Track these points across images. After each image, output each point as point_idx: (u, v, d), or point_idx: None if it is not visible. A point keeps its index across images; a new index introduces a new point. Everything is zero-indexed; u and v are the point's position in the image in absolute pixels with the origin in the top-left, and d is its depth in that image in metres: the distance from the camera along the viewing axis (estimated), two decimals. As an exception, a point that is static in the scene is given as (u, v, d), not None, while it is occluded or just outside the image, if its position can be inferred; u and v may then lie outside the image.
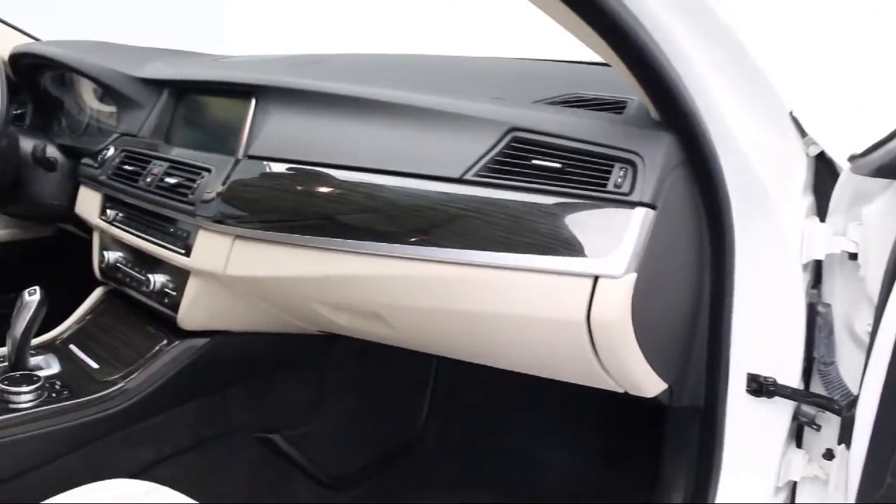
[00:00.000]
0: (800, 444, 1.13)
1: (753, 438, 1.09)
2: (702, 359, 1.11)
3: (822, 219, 1.03)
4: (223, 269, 1.35)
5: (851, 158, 0.95)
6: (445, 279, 1.09)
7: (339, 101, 1.30)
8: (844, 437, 0.93)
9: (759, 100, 0.98)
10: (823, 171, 1.04)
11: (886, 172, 0.88)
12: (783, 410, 1.07)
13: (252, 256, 1.32)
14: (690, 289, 1.08)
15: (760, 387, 1.05)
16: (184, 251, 1.44)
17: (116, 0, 2.59)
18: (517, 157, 1.06)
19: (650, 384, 1.09)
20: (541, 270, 1.01)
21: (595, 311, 0.98)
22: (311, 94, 1.35)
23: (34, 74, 1.97)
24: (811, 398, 1.05)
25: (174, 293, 1.49)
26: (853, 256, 1.00)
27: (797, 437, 1.13)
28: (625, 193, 0.98)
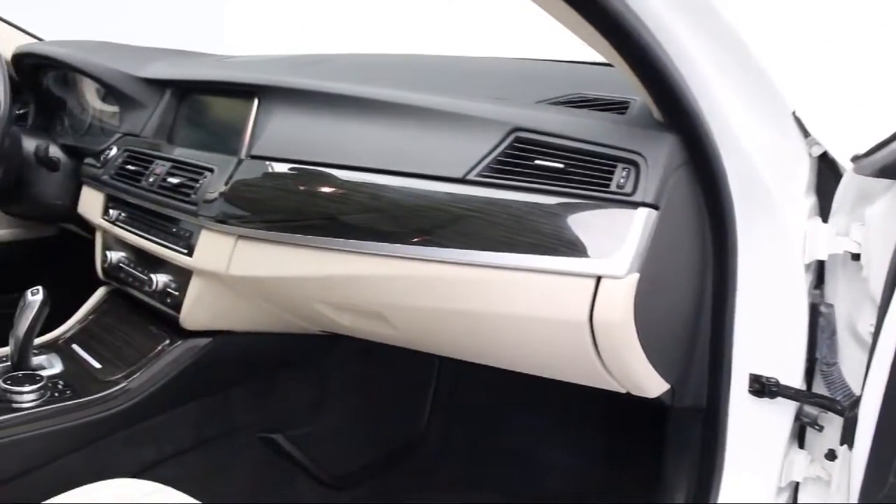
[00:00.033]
0: (802, 445, 1.12)
1: (756, 439, 1.09)
2: (704, 359, 1.11)
3: (825, 219, 1.03)
4: (226, 269, 1.35)
5: (854, 159, 0.95)
6: (448, 279, 1.09)
7: (342, 101, 1.30)
8: (847, 438, 0.93)
9: (762, 100, 0.98)
10: (826, 172, 1.04)
11: (889, 173, 0.88)
12: (785, 411, 1.07)
13: (255, 256, 1.32)
14: (693, 289, 1.08)
15: (763, 387, 1.05)
16: (186, 251, 1.44)
17: (119, 0, 2.59)
18: (520, 158, 1.06)
19: (652, 384, 1.09)
20: (543, 271, 1.01)
21: (597, 312, 0.98)
22: (314, 94, 1.35)
23: (37, 74, 1.98)
24: (813, 399, 1.04)
25: (177, 293, 1.50)
26: (856, 257, 0.99)
27: (799, 438, 1.13)
28: (627, 194, 0.98)
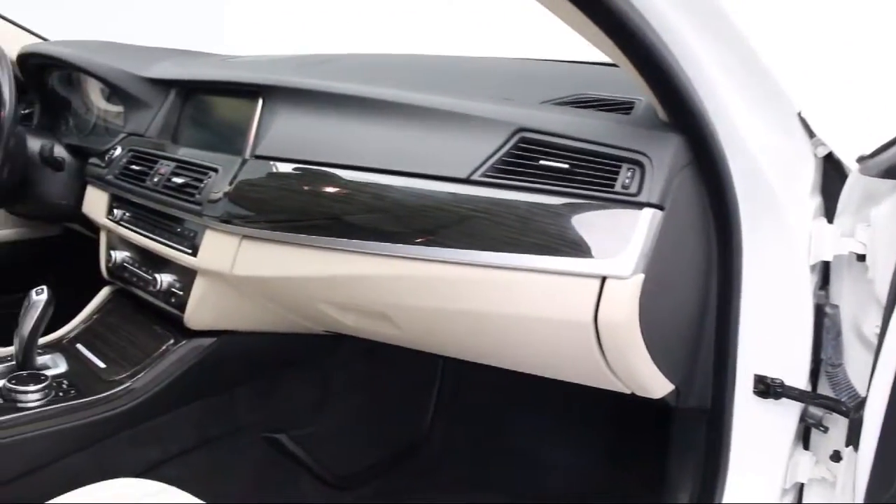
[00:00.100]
0: (807, 446, 1.12)
1: (760, 440, 1.09)
2: (709, 360, 1.11)
3: (830, 220, 1.02)
4: (230, 269, 1.36)
5: (860, 159, 0.95)
6: (452, 279, 1.09)
7: (347, 102, 1.30)
8: (852, 439, 0.93)
9: (768, 100, 0.97)
10: (832, 173, 1.04)
11: (895, 173, 0.88)
12: (790, 412, 1.07)
13: (259, 256, 1.32)
14: (698, 290, 1.08)
15: (768, 388, 1.05)
16: (191, 251, 1.44)
17: (123, 0, 2.59)
18: (525, 158, 1.06)
19: (657, 385, 1.09)
20: (548, 271, 1.00)
21: (602, 312, 0.98)
22: (319, 95, 1.35)
23: (42, 74, 1.98)
24: (818, 400, 1.04)
25: (181, 293, 1.50)
26: (861, 258, 0.99)
27: (804, 439, 1.12)
28: (632, 194, 0.98)
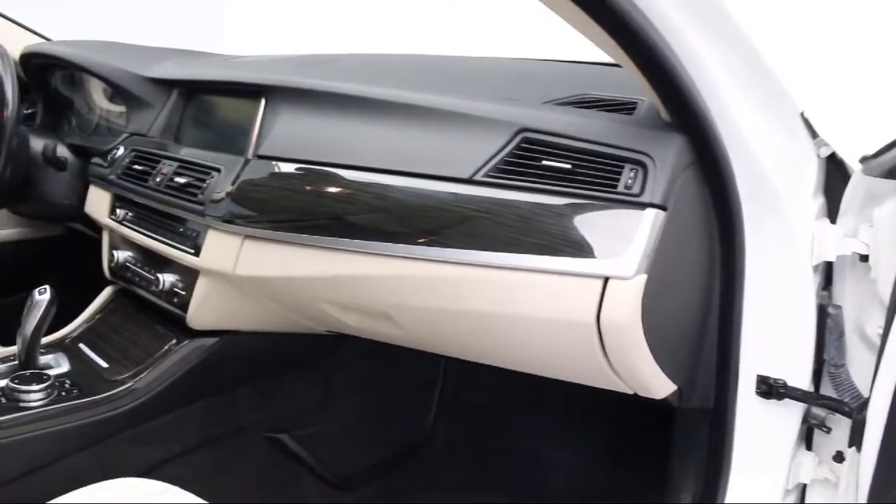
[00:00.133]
0: (810, 447, 1.12)
1: (763, 440, 1.08)
2: (711, 360, 1.10)
3: (833, 220, 1.02)
4: (232, 269, 1.36)
5: (863, 160, 0.94)
6: (454, 279, 1.09)
7: (349, 102, 1.30)
8: (855, 440, 0.93)
9: (771, 101, 0.97)
10: (834, 173, 1.03)
11: (899, 174, 0.88)
12: (793, 413, 1.06)
13: (261, 256, 1.33)
14: (700, 290, 1.07)
15: (770, 389, 1.05)
16: (193, 251, 1.45)
17: (126, 0, 2.60)
18: (527, 158, 1.06)
19: (659, 386, 1.09)
20: (550, 271, 1.00)
21: (605, 313, 0.98)
22: (321, 95, 1.35)
23: (45, 74, 1.98)
24: (821, 400, 1.04)
25: (183, 293, 1.50)
26: (864, 258, 0.99)
27: (807, 440, 1.12)
28: (635, 194, 0.98)
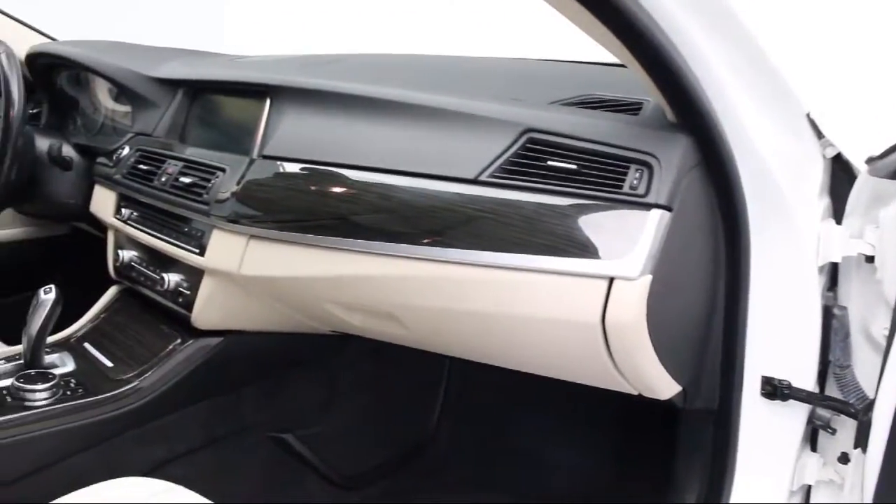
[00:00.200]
0: (815, 448, 1.12)
1: (768, 441, 1.08)
2: (716, 361, 1.10)
3: (839, 221, 1.02)
4: (237, 269, 1.36)
5: (869, 160, 0.94)
6: (459, 280, 1.09)
7: (354, 102, 1.30)
8: (861, 441, 0.92)
9: (776, 101, 0.97)
10: (840, 174, 1.03)
11: (904, 175, 0.88)
12: (798, 414, 1.06)
13: (266, 256, 1.33)
14: (705, 291, 1.07)
15: (775, 390, 1.05)
16: (198, 250, 1.45)
17: (132, 0, 2.60)
18: (532, 158, 1.06)
19: (664, 386, 1.09)
20: (555, 272, 1.00)
21: (610, 313, 0.98)
22: (326, 95, 1.35)
23: (50, 74, 1.99)
24: (826, 402, 1.04)
25: (188, 292, 1.50)
26: (870, 259, 0.99)
27: (812, 441, 1.12)
28: (640, 195, 0.97)
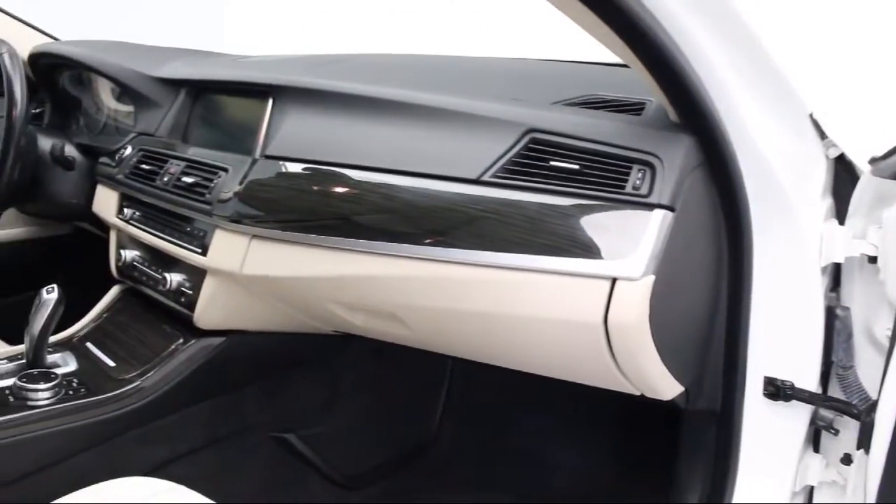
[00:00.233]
0: (817, 449, 1.12)
1: (770, 442, 1.08)
2: (719, 362, 1.10)
3: (842, 222, 1.02)
4: (240, 269, 1.36)
5: (872, 161, 0.94)
6: (462, 280, 1.09)
7: (357, 102, 1.30)
8: (863, 442, 0.92)
9: (779, 101, 0.97)
10: (843, 174, 1.03)
11: (907, 175, 0.88)
12: (800, 414, 1.06)
13: (268, 256, 1.33)
14: (708, 291, 1.07)
15: (778, 390, 1.05)
16: (200, 250, 1.45)
17: (134, 0, 2.60)
18: (535, 159, 1.06)
19: (667, 387, 1.09)
20: (558, 272, 1.00)
21: (612, 314, 0.98)
22: (329, 95, 1.35)
23: (53, 74, 1.99)
24: (829, 402, 1.04)
25: (190, 292, 1.50)
26: (873, 260, 0.99)
27: (814, 442, 1.12)
28: (643, 195, 0.97)
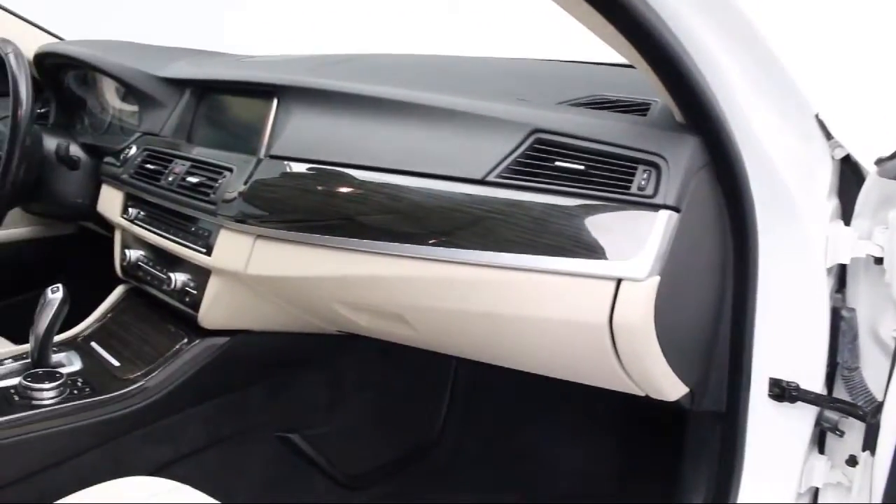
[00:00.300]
0: (822, 450, 1.11)
1: (775, 444, 1.08)
2: (724, 363, 1.10)
3: (847, 223, 1.02)
4: (244, 269, 1.36)
5: (878, 162, 0.94)
6: (467, 280, 1.09)
7: (362, 102, 1.30)
8: (869, 444, 0.92)
9: (785, 102, 0.97)
10: (849, 175, 1.03)
11: (914, 176, 0.88)
12: (806, 416, 1.06)
13: (273, 256, 1.33)
14: (713, 292, 1.07)
15: (783, 392, 1.04)
16: (205, 250, 1.45)
17: (139, 0, 2.61)
18: (540, 159, 1.06)
19: (671, 388, 1.08)
20: (563, 273, 1.00)
21: (617, 315, 0.97)
22: (334, 95, 1.35)
23: (58, 74, 2.00)
24: (834, 404, 1.03)
25: (195, 292, 1.50)
26: (878, 261, 0.98)
27: (820, 443, 1.12)
28: (649, 196, 0.97)
